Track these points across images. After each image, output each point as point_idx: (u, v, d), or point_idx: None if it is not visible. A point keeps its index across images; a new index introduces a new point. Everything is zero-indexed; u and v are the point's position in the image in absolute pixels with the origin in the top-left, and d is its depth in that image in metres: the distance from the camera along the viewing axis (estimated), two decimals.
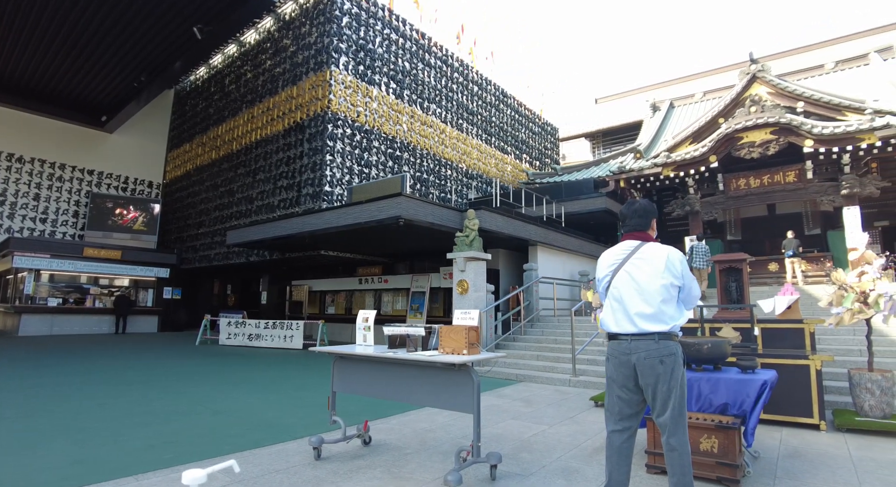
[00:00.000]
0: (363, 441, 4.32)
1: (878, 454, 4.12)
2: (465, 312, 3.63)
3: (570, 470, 3.66)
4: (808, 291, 10.95)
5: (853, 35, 26.07)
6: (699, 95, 23.45)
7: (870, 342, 5.34)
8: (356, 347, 4.21)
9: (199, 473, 1.84)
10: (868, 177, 12.98)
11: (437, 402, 3.64)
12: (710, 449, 3.33)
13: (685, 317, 2.61)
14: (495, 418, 5.49)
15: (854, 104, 14.14)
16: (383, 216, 9.94)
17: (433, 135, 18.70)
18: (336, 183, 14.69)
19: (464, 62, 21.35)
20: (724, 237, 16.42)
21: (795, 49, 27.57)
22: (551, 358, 9.16)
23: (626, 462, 2.56)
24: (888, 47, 19.16)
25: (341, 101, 15.23)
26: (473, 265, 10.23)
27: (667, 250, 2.61)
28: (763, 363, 4.87)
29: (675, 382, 2.46)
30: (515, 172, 23.52)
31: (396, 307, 15.52)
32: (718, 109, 16.12)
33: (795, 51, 27.31)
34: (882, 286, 4.98)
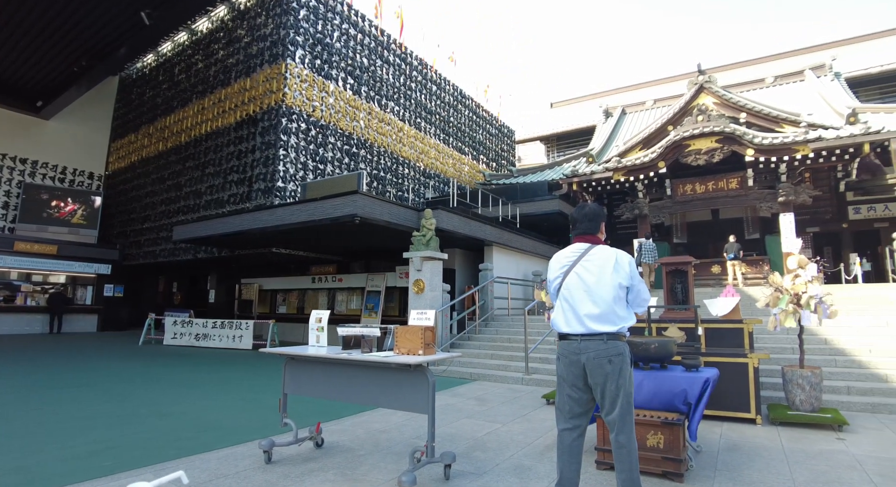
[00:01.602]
0: (316, 443, 4.25)
1: (807, 445, 4.39)
2: (422, 312, 3.64)
3: (523, 468, 3.72)
4: (748, 292, 11.54)
5: (791, 52, 27.69)
6: (650, 102, 24.31)
7: (801, 340, 5.70)
8: (309, 348, 4.13)
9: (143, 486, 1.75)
10: (802, 186, 13.81)
11: (393, 403, 3.62)
12: (657, 445, 3.46)
13: (633, 318, 2.70)
14: (450, 417, 5.52)
15: (791, 117, 15.04)
16: (338, 214, 9.79)
17: (391, 133, 18.58)
18: (289, 179, 14.37)
19: (423, 61, 21.32)
20: (670, 240, 17.09)
21: (739, 62, 29.03)
22: (505, 357, 9.29)
23: (577, 459, 2.63)
24: (821, 65, 20.44)
25: (296, 94, 14.91)
26: (430, 265, 10.24)
27: (615, 253, 2.69)
28: (706, 361, 5.11)
29: (623, 381, 2.55)
30: (473, 172, 23.68)
31: (351, 307, 15.34)
32: (668, 117, 16.78)
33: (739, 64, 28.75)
34: (813, 289, 5.32)
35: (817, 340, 7.73)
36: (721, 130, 13.26)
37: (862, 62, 22.49)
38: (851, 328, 8.03)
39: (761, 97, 19.09)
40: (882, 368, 6.69)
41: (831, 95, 17.91)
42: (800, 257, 5.45)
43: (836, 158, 13.17)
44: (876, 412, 5.68)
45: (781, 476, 3.55)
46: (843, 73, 20.44)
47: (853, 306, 9.97)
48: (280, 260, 16.43)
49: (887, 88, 21.70)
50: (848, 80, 20.33)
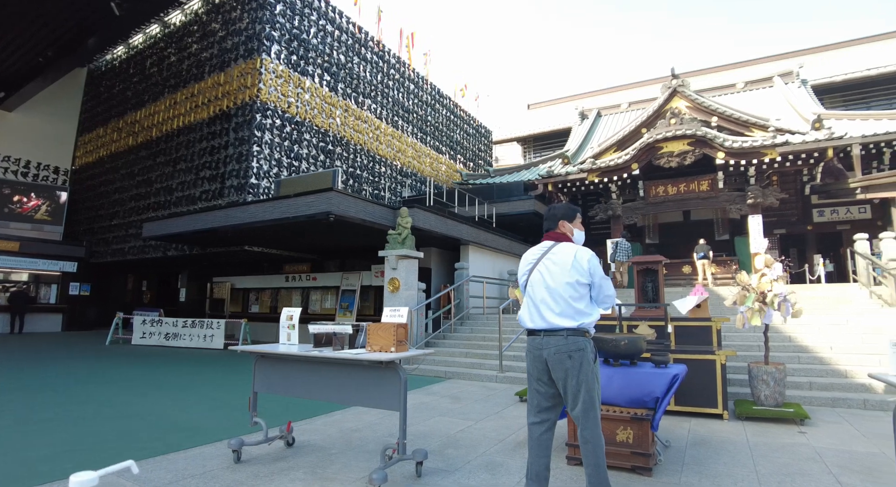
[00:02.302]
0: (286, 442, 4.20)
1: (771, 439, 4.52)
2: (395, 309, 3.62)
3: (495, 464, 3.74)
4: (717, 291, 11.82)
5: (761, 59, 28.44)
6: (625, 105, 24.70)
7: (766, 338, 5.86)
8: (279, 346, 4.08)
9: (88, 476, 1.67)
10: (770, 189, 14.20)
11: (364, 401, 3.60)
12: (626, 440, 3.51)
13: (597, 314, 2.73)
14: (423, 415, 5.51)
15: (760, 122, 15.46)
16: (313, 212, 9.69)
17: (368, 130, 18.47)
18: (263, 175, 14.16)
19: (401, 59, 21.24)
20: (643, 241, 17.39)
21: (711, 68, 29.68)
22: (479, 355, 9.32)
23: (546, 453, 2.65)
24: (789, 72, 21.07)
25: (272, 90, 14.70)
26: (405, 264, 10.21)
27: (575, 250, 2.73)
28: (675, 358, 5.21)
29: (584, 377, 2.57)
30: (450, 172, 23.70)
31: (325, 306, 15.19)
32: (642, 120, 17.08)
33: (711, 70, 29.40)
34: (778, 288, 5.48)
35: (782, 337, 7.95)
36: (693, 133, 13.55)
37: (827, 71, 23.22)
38: (814, 326, 8.29)
39: (732, 102, 19.58)
40: (842, 364, 6.93)
41: (798, 101, 18.47)
42: (766, 257, 5.60)
43: (802, 162, 13.58)
44: (835, 407, 5.87)
45: (746, 469, 3.64)
46: (809, 80, 21.10)
47: (816, 305, 10.30)
48: (253, 258, 16.18)
49: (850, 95, 22.45)
50: (814, 87, 20.98)
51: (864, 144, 14.90)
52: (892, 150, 15.08)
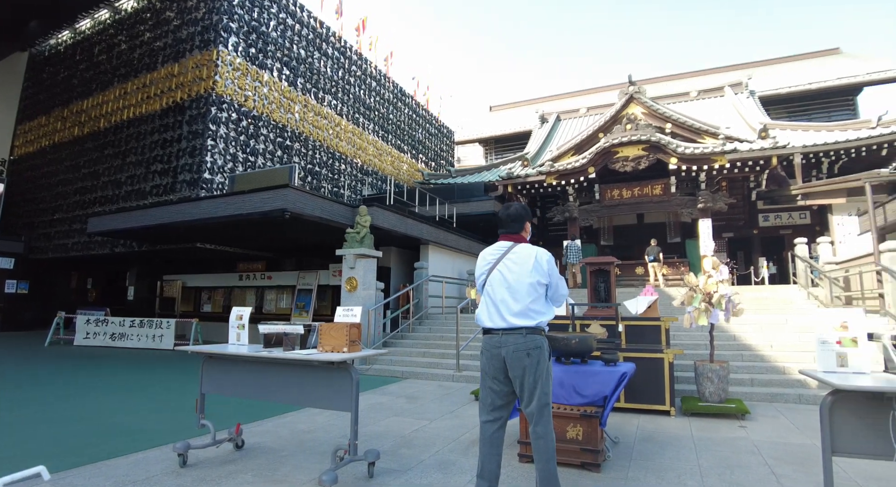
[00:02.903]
0: (235, 444, 4.09)
1: (714, 433, 4.70)
2: (348, 309, 3.57)
3: (448, 463, 3.74)
4: (668, 292, 12.21)
5: (713, 69, 29.58)
6: (584, 110, 25.24)
7: (712, 337, 6.10)
8: (228, 346, 3.97)
9: None
10: (719, 194, 14.78)
11: (315, 402, 3.54)
12: (576, 437, 3.58)
13: (552, 313, 2.81)
14: (378, 415, 5.46)
15: (711, 129, 16.09)
16: (268, 209, 9.46)
17: (328, 127, 18.19)
18: (217, 171, 13.74)
19: (362, 56, 21.03)
20: (598, 242, 17.81)
21: (667, 76, 30.68)
22: (437, 355, 9.32)
23: (497, 451, 2.68)
24: (739, 83, 22.02)
25: (228, 83, 14.29)
26: (363, 263, 10.11)
27: (535, 251, 2.79)
28: (625, 356, 5.36)
29: (541, 374, 2.63)
30: (411, 171, 23.63)
31: (280, 306, 14.87)
32: (599, 125, 17.48)
33: (667, 78, 30.38)
34: (723, 289, 5.71)
35: (727, 336, 8.29)
36: (648, 138, 13.96)
37: (773, 83, 24.37)
38: (757, 326, 8.68)
39: (686, 109, 20.30)
40: (781, 361, 7.28)
41: (746, 110, 19.32)
42: (713, 259, 5.82)
43: (749, 169, 14.21)
44: (774, 402, 6.16)
45: (689, 463, 3.77)
46: (757, 91, 22.12)
47: (759, 305, 10.79)
48: (205, 256, 15.69)
49: (793, 107, 23.63)
50: (761, 98, 22.00)
51: (805, 154, 15.71)
52: (830, 160, 15.97)
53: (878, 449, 2.34)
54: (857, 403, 2.39)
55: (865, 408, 2.38)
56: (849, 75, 23.22)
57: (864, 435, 2.37)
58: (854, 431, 2.39)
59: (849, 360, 2.51)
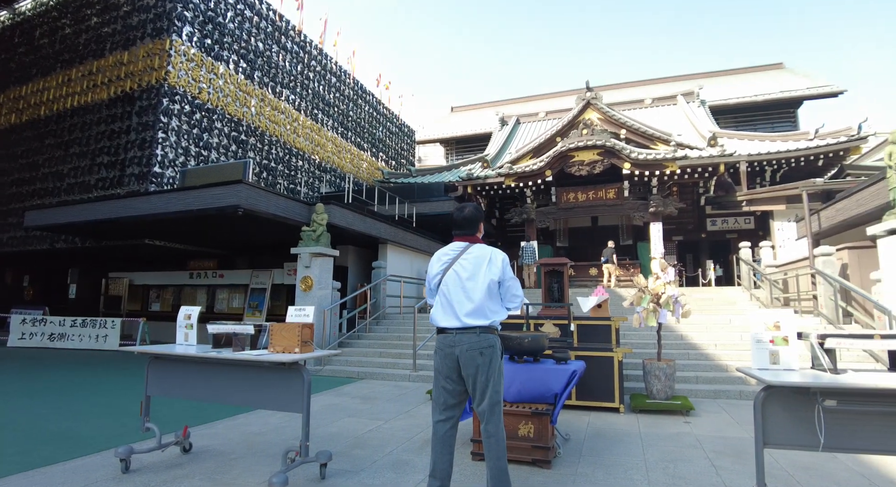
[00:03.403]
0: (183, 448, 3.96)
1: (660, 429, 4.87)
2: (300, 309, 3.52)
3: (401, 463, 3.74)
4: (620, 293, 12.57)
5: (667, 78, 30.67)
6: (542, 114, 25.67)
7: (659, 336, 6.32)
8: (176, 346, 3.84)
9: None
10: (670, 199, 15.34)
11: (266, 403, 3.47)
12: (527, 434, 3.65)
13: (505, 314, 2.85)
14: (332, 416, 5.40)
15: (664, 136, 16.67)
16: (221, 205, 9.18)
17: (285, 122, 17.83)
18: (168, 164, 13.25)
19: (323, 51, 20.72)
20: (554, 244, 18.17)
21: (623, 83, 31.58)
22: (394, 355, 9.29)
23: (449, 450, 2.70)
24: (690, 92, 22.89)
25: (181, 74, 13.80)
26: (320, 262, 9.97)
27: (490, 251, 2.84)
28: (577, 355, 5.48)
29: (493, 372, 2.67)
30: (371, 169, 23.44)
31: (233, 305, 14.47)
32: (557, 129, 17.84)
33: (623, 85, 31.27)
34: (670, 290, 5.92)
35: (674, 336, 8.61)
36: (603, 144, 14.34)
37: (723, 93, 25.48)
38: (703, 325, 9.05)
39: (640, 116, 20.95)
40: (724, 359, 7.63)
41: (697, 119, 20.12)
42: (661, 261, 6.05)
43: (699, 175, 14.81)
44: (717, 398, 6.44)
45: (636, 458, 3.90)
46: (707, 101, 23.06)
47: (705, 306, 11.25)
48: (155, 253, 15.08)
49: (741, 117, 24.77)
50: (711, 107, 22.96)
51: (750, 162, 16.50)
52: (773, 168, 16.82)
53: (805, 441, 2.49)
54: (787, 398, 2.54)
55: (794, 403, 2.52)
56: (790, 89, 24.55)
57: (793, 428, 2.52)
58: (784, 424, 2.54)
59: (780, 358, 2.67)
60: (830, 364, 2.59)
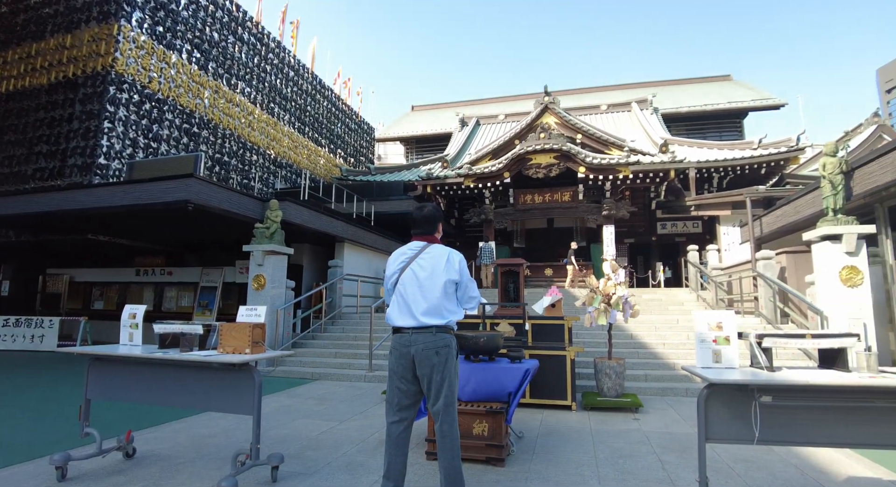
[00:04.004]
0: (125, 453, 3.78)
1: (610, 426, 5.01)
2: (252, 308, 3.43)
3: (355, 464, 3.71)
4: (572, 293, 12.85)
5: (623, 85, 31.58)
6: (502, 116, 25.96)
7: (610, 335, 6.50)
8: (119, 347, 3.67)
9: None
10: (622, 202, 15.80)
11: (216, 405, 3.37)
12: (482, 433, 3.68)
13: (461, 314, 2.87)
14: (285, 418, 5.29)
15: (618, 142, 17.15)
16: (170, 199, 8.82)
17: (240, 115, 17.34)
18: (115, 156, 12.66)
19: (281, 44, 20.26)
20: (511, 244, 18.41)
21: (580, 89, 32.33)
22: (349, 355, 9.19)
23: (403, 451, 2.69)
24: (644, 100, 23.64)
25: (130, 61, 13.21)
26: (273, 260, 9.74)
27: (448, 251, 2.86)
28: (531, 354, 5.57)
29: (448, 372, 2.68)
30: (329, 166, 23.09)
31: (182, 304, 13.95)
32: (515, 132, 18.09)
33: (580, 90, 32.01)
34: (621, 291, 6.10)
35: (625, 335, 8.88)
36: (559, 147, 14.64)
37: (675, 102, 26.45)
38: (652, 325, 9.37)
39: (596, 122, 21.49)
40: (672, 358, 7.92)
41: (650, 126, 20.80)
42: (612, 263, 6.21)
43: (650, 180, 15.31)
44: (665, 395, 6.68)
45: (587, 455, 4.00)
46: (660, 108, 23.89)
47: (654, 306, 11.65)
48: (98, 249, 14.37)
49: (691, 125, 25.78)
50: (663, 115, 23.80)
51: (699, 169, 17.19)
52: (720, 175, 17.58)
53: (743, 435, 2.62)
54: (728, 395, 2.66)
55: (734, 399, 2.65)
56: (737, 101, 25.75)
57: (733, 423, 2.65)
58: (725, 420, 2.66)
59: (722, 356, 2.79)
60: (767, 363, 2.73)
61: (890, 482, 3.43)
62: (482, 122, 25.93)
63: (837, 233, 6.99)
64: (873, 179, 6.90)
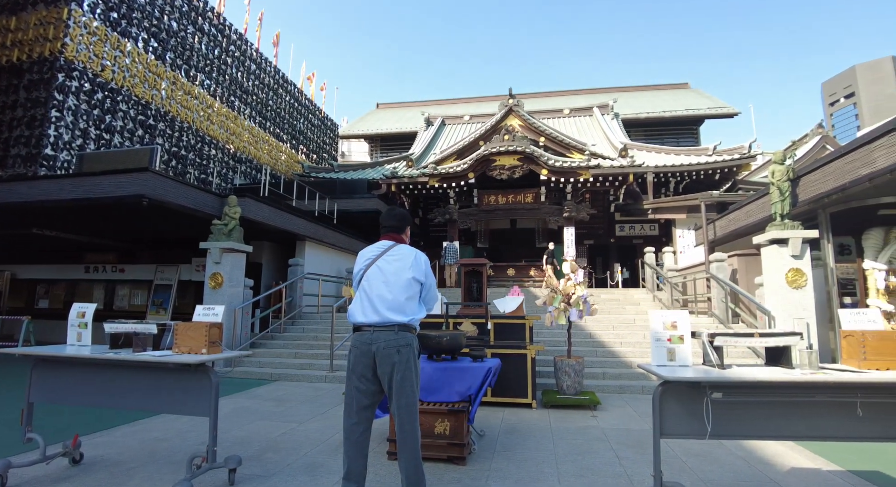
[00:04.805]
0: (72, 459, 3.62)
1: (569, 423, 5.11)
2: (209, 307, 3.34)
3: (315, 466, 3.66)
4: (534, 293, 13.04)
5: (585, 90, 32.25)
6: (467, 117, 26.10)
7: (570, 334, 6.64)
8: (66, 347, 3.51)
9: None
10: (583, 205, 16.12)
11: (171, 407, 3.26)
12: (443, 432, 3.69)
13: (424, 313, 2.90)
14: (243, 420, 5.17)
15: (579, 146, 17.50)
16: (123, 193, 8.46)
17: (198, 108, 16.81)
18: (63, 147, 12.07)
19: (243, 37, 19.76)
20: (475, 244, 18.54)
21: (544, 92, 32.82)
22: (310, 355, 9.06)
23: (363, 452, 2.68)
24: (605, 105, 24.19)
25: (81, 48, 12.61)
26: (231, 257, 9.50)
27: (415, 252, 2.89)
28: (493, 352, 5.63)
29: (409, 371, 2.68)
30: (290, 162, 22.66)
31: (135, 302, 13.42)
32: (480, 133, 18.24)
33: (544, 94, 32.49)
34: (580, 291, 6.24)
35: (584, 334, 9.08)
36: (523, 150, 14.83)
37: (634, 108, 27.16)
38: (610, 324, 9.61)
39: (559, 125, 21.87)
40: (629, 356, 8.14)
41: (610, 131, 21.31)
42: (571, 263, 6.35)
43: (610, 183, 15.68)
44: (622, 393, 6.86)
45: (547, 452, 4.07)
46: (620, 114, 24.49)
47: (612, 306, 11.95)
48: (44, 244, 13.66)
49: (650, 131, 26.52)
50: (624, 120, 24.40)
51: (656, 173, 17.72)
52: (676, 179, 18.17)
53: (696, 430, 2.72)
54: (681, 392, 2.76)
55: (687, 396, 2.76)
56: (694, 108, 26.66)
57: (686, 419, 2.75)
58: (678, 416, 2.76)
59: (676, 355, 2.90)
60: (718, 360, 2.85)
61: (828, 471, 3.64)
62: (448, 122, 26.00)
63: (784, 237, 7.35)
64: (817, 186, 7.28)
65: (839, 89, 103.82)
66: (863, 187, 6.22)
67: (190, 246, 11.33)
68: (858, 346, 2.81)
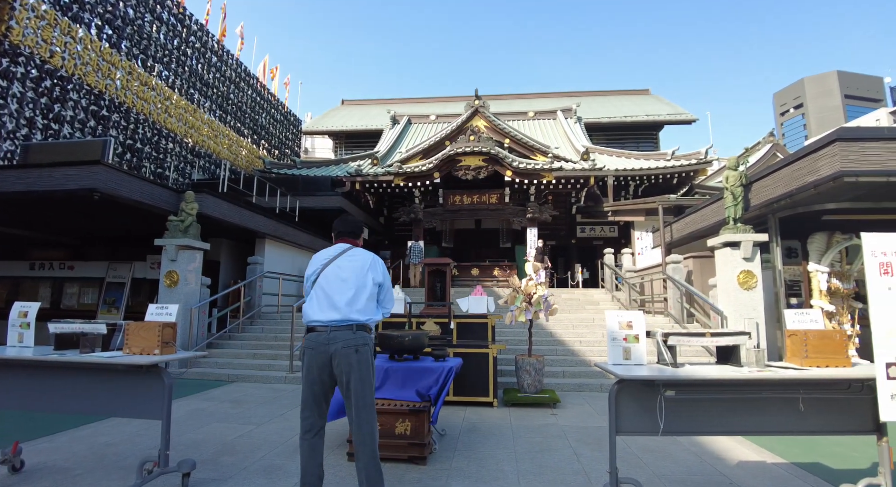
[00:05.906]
0: (12, 467, 3.43)
1: (529, 422, 5.18)
2: (163, 307, 3.24)
3: (273, 468, 3.59)
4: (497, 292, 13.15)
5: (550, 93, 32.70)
6: (433, 117, 26.10)
7: (531, 333, 6.73)
8: (7, 349, 3.33)
9: None
10: (546, 206, 16.37)
11: (121, 410, 3.14)
12: (404, 432, 3.68)
13: (380, 316, 2.93)
14: (198, 422, 5.03)
15: (543, 148, 17.76)
16: (73, 187, 8.09)
17: (155, 100, 16.21)
18: (6, 136, 11.43)
19: (204, 27, 19.17)
20: (440, 244, 18.55)
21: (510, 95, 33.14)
22: (269, 356, 8.89)
23: (319, 453, 2.66)
24: (569, 109, 24.62)
25: (28, 32, 11.97)
26: (187, 255, 9.22)
27: (372, 255, 2.94)
28: (456, 352, 5.66)
29: (366, 371, 2.68)
30: (251, 157, 22.12)
31: (85, 301, 12.82)
32: (446, 133, 18.28)
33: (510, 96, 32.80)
34: (541, 290, 6.33)
35: (545, 333, 9.21)
36: (488, 151, 14.95)
37: (597, 112, 27.72)
38: (570, 324, 9.79)
39: (523, 128, 22.14)
40: (588, 355, 8.31)
41: (573, 134, 21.70)
42: (533, 264, 6.44)
43: (572, 186, 15.98)
44: (581, 391, 7.01)
45: (507, 450, 4.12)
46: (583, 118, 24.97)
47: (572, 306, 12.16)
48: None
49: (611, 135, 27.10)
50: (586, 124, 24.88)
51: (617, 176, 18.12)
52: (636, 183, 18.64)
53: (650, 427, 2.81)
54: (636, 390, 2.84)
55: (642, 394, 2.84)
56: (654, 114, 27.40)
57: (640, 416, 2.83)
58: (633, 413, 2.84)
59: (632, 354, 2.98)
60: (671, 359, 2.94)
61: (773, 463, 3.81)
62: (414, 121, 25.93)
63: (736, 240, 7.65)
64: (767, 192, 7.61)
65: (789, 100, 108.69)
66: (808, 193, 6.54)
67: (144, 243, 10.90)
68: (801, 345, 2.95)
